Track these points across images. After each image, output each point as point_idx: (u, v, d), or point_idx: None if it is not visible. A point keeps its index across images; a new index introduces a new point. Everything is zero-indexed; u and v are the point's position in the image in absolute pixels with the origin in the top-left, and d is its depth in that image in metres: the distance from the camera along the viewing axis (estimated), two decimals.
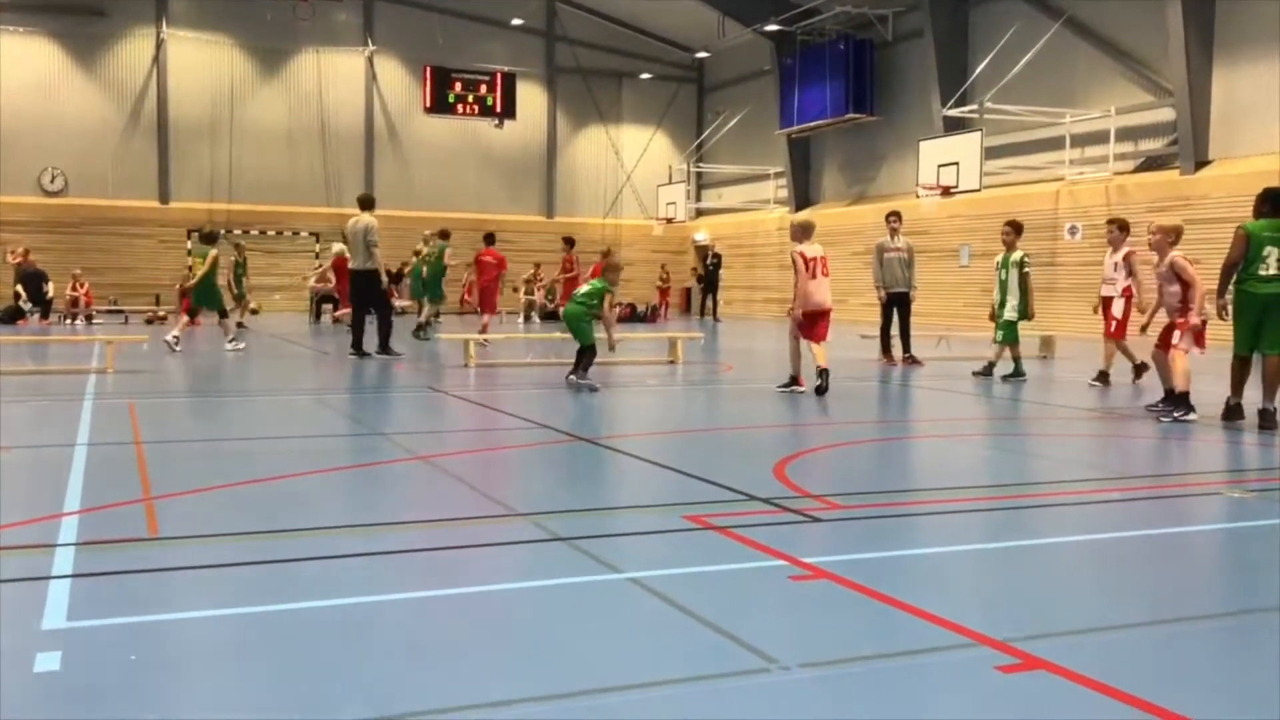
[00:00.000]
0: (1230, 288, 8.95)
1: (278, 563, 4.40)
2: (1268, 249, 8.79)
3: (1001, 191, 25.02)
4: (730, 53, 35.29)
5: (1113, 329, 12.43)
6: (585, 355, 11.50)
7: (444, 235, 20.97)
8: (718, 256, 33.20)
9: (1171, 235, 9.63)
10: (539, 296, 29.18)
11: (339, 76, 34.58)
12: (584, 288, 12.02)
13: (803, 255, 11.01)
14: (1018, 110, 23.81)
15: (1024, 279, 12.88)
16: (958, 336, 18.85)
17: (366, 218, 15.22)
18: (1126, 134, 23.08)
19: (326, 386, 12.23)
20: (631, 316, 29.34)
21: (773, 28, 31.29)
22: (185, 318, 17.23)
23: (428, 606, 3.87)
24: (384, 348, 15.20)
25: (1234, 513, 5.83)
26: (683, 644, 3.46)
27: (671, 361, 14.92)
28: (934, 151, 24.82)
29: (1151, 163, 22.83)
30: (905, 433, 9.39)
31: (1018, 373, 12.76)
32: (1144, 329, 10.88)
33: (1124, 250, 12.47)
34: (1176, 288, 9.48)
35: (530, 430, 8.46)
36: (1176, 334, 9.50)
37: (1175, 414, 9.14)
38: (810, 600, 3.97)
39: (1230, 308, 8.97)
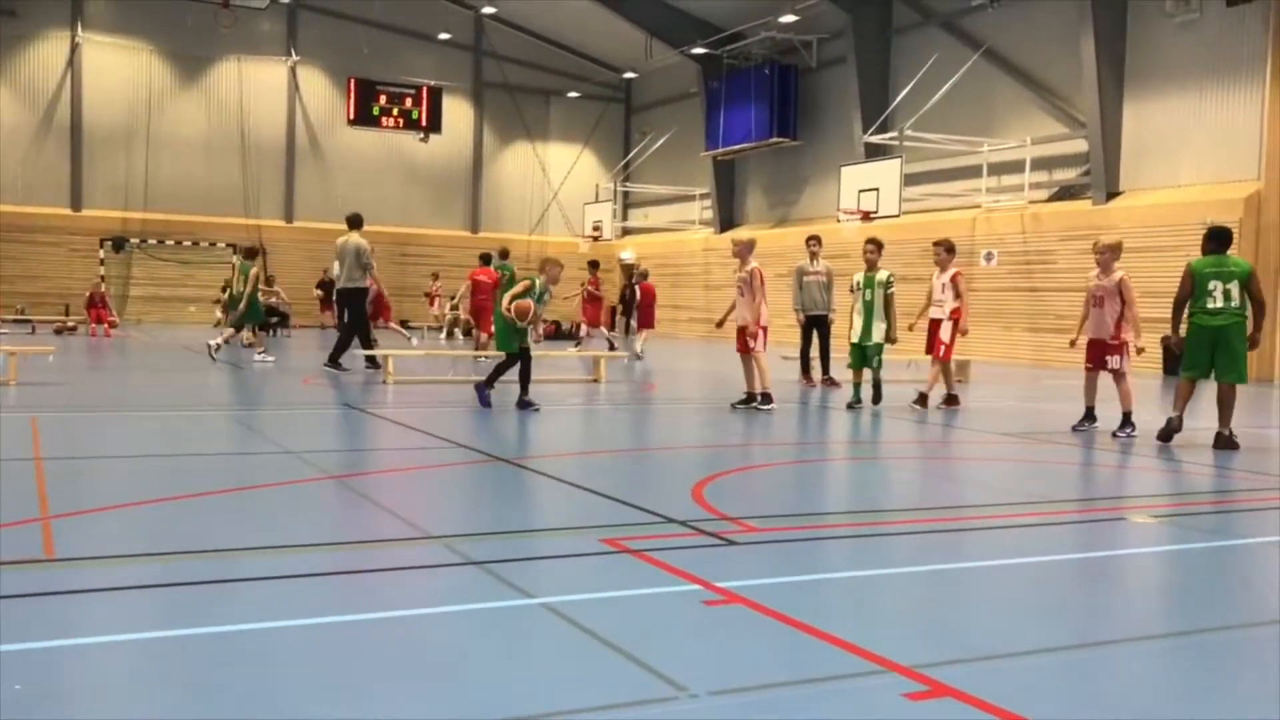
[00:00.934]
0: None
1: (180, 586, 4.27)
2: (1212, 284, 9.35)
3: (920, 217, 25.47)
4: (658, 74, 35.51)
5: (940, 352, 12.32)
6: (521, 365, 10.95)
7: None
8: (645, 274, 33.22)
9: (1118, 253, 10.11)
10: (462, 312, 28.96)
11: (261, 86, 34.06)
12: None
13: (761, 273, 11.67)
14: (937, 138, 24.29)
15: (889, 300, 12.29)
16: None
17: (357, 237, 15.64)
18: (1041, 164, 23.67)
19: (239, 402, 11.97)
20: (555, 334, 29.25)
21: (700, 51, 31.56)
22: (231, 330, 18.15)
23: (334, 633, 3.78)
24: (333, 361, 15.31)
25: (1142, 538, 5.95)
26: (592, 671, 3.42)
27: (594, 380, 14.89)
28: (855, 177, 25.20)
29: (1065, 192, 23.44)
30: (823, 455, 9.46)
31: (858, 399, 12.21)
32: (1072, 343, 11.03)
33: (951, 271, 12.41)
34: (1117, 306, 9.96)
35: (447, 450, 8.36)
36: (1111, 357, 10.18)
37: (1130, 432, 9.86)
38: (723, 626, 3.96)
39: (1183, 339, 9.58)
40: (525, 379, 11.09)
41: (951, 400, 12.42)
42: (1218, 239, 9.62)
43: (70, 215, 32.11)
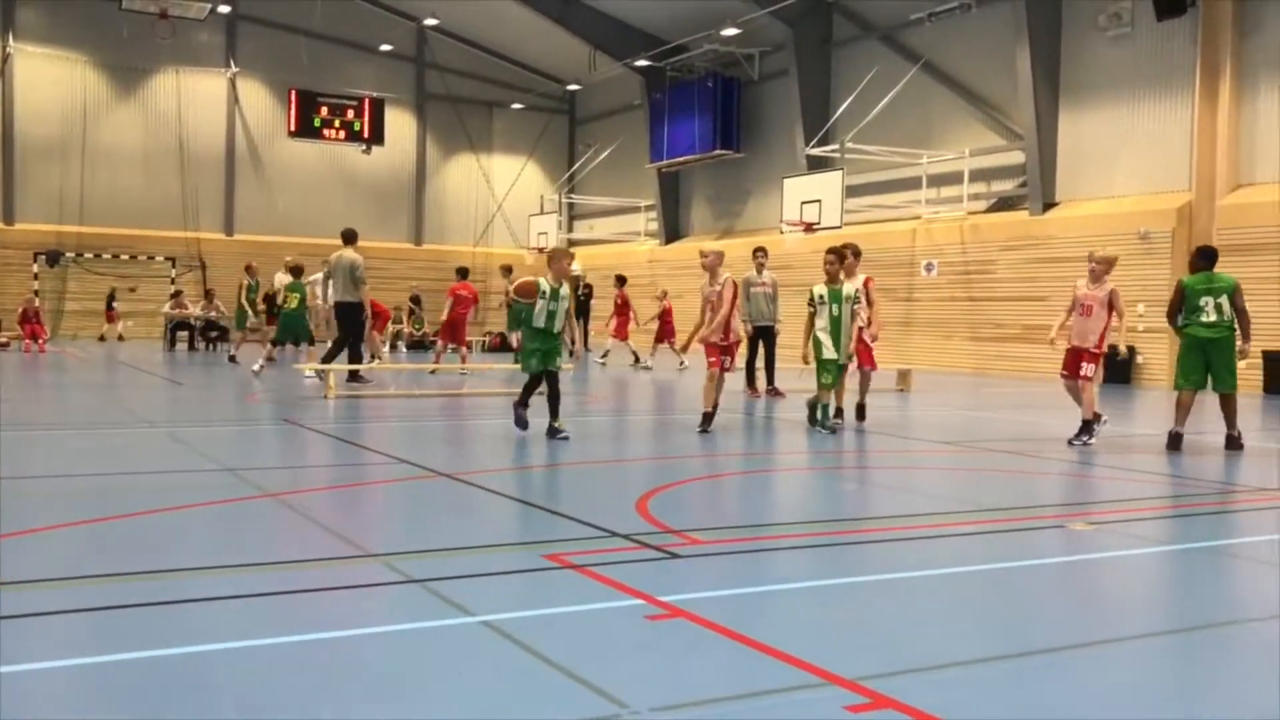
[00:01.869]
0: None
1: (117, 609, 4.17)
2: (1204, 299, 9.95)
3: (862, 229, 25.67)
4: (601, 86, 35.55)
5: (870, 360, 12.26)
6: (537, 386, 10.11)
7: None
8: (589, 287, 33.24)
9: (1112, 266, 10.53)
10: (407, 325, 28.76)
11: (199, 98, 33.56)
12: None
13: (736, 285, 11.46)
14: (877, 150, 24.55)
15: (854, 315, 11.23)
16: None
17: (350, 253, 15.79)
18: (980, 175, 24.02)
19: (178, 419, 11.77)
20: (501, 346, 29.09)
21: (643, 63, 31.65)
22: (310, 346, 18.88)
23: (273, 654, 3.71)
24: (353, 375, 15.44)
25: (1080, 545, 6.04)
26: (533, 690, 3.39)
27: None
28: (797, 189, 25.38)
29: (1003, 203, 23.80)
30: (768, 466, 9.49)
31: (832, 418, 11.21)
32: (1052, 342, 11.06)
33: (862, 277, 12.07)
34: (1104, 316, 10.27)
35: (389, 465, 8.27)
36: (1086, 364, 10.35)
37: (1086, 440, 10.08)
38: (665, 641, 3.95)
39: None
40: (554, 402, 9.99)
41: (839, 413, 11.55)
42: (1207, 257, 10.24)
43: (2, 229, 31.40)
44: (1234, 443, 10.02)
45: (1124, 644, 4.14)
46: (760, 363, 15.53)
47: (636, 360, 23.47)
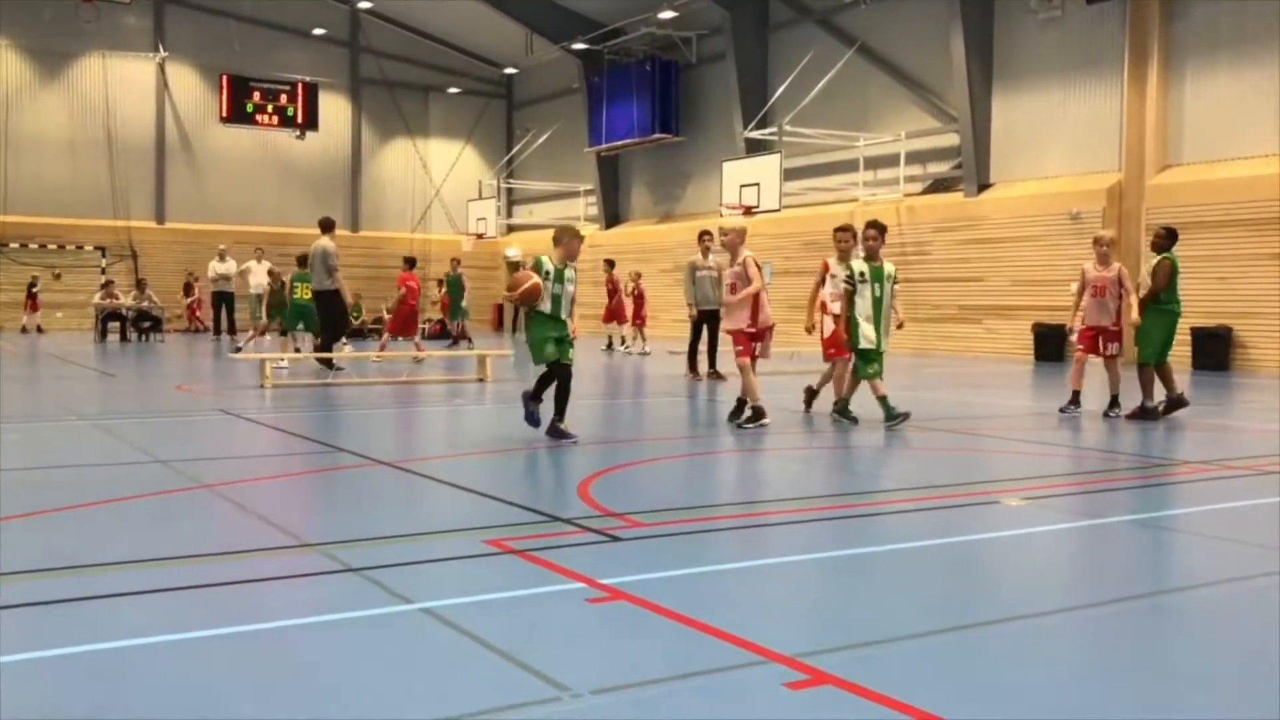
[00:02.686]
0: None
1: (44, 605, 4.08)
2: (1179, 279, 10.70)
3: (800, 211, 25.86)
4: (539, 70, 35.36)
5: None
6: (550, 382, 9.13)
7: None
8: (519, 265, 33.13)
9: (1115, 247, 11.21)
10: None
11: (127, 83, 32.84)
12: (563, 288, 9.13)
13: (755, 261, 9.94)
14: (815, 133, 24.69)
15: (894, 296, 10.40)
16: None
17: (325, 241, 15.89)
18: (915, 157, 24.26)
19: (109, 411, 11.53)
20: (441, 334, 28.89)
21: (580, 46, 31.52)
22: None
23: (208, 647, 3.65)
24: (327, 363, 15.49)
25: (1014, 520, 6.13)
26: (473, 676, 3.37)
27: (480, 380, 14.75)
28: (736, 172, 25.45)
29: (938, 185, 24.07)
30: (709, 448, 9.52)
31: (894, 415, 9.91)
32: (1070, 330, 11.55)
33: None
34: (1118, 295, 10.78)
35: (325, 454, 8.18)
36: (1109, 343, 10.98)
37: (1116, 413, 10.66)
38: (606, 623, 3.95)
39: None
40: (562, 399, 9.04)
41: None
42: (1174, 238, 10.92)
43: None
44: (1178, 404, 10.71)
45: (1056, 616, 4.21)
46: (703, 345, 15.57)
47: (615, 344, 23.62)
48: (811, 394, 11.30)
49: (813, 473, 8.13)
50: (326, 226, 16.40)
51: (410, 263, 20.44)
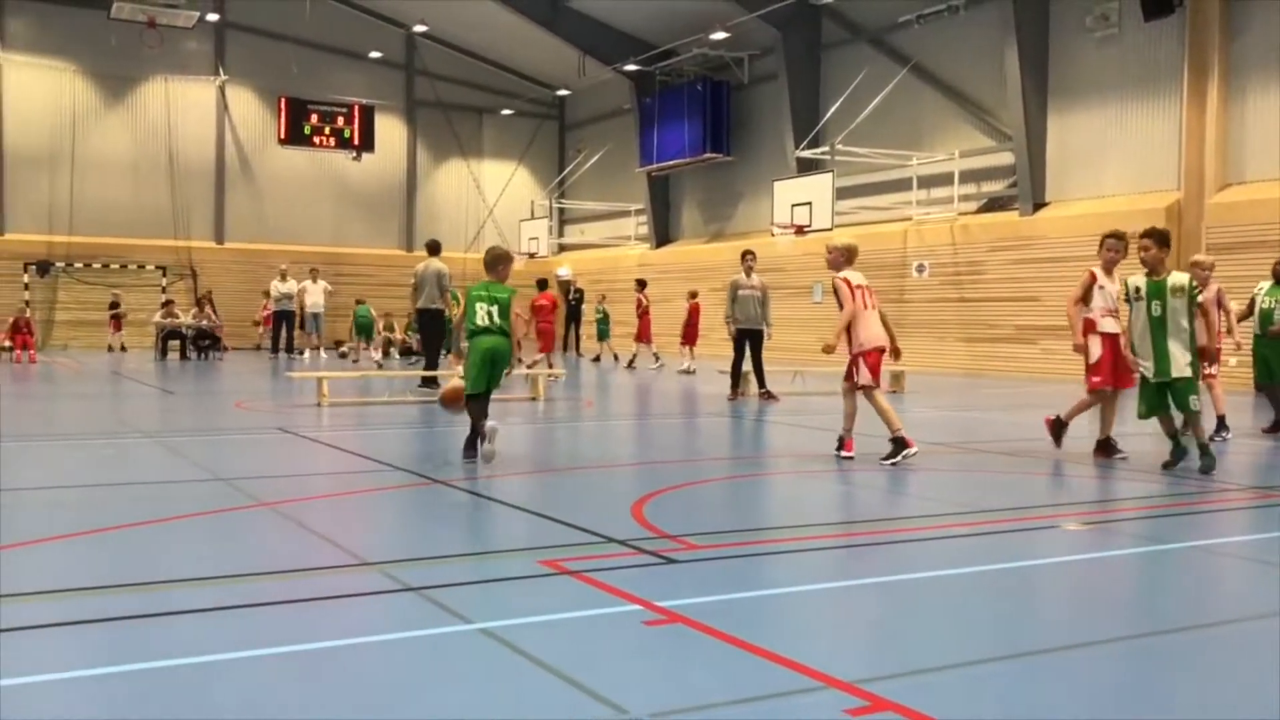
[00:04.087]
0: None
1: (109, 621, 4.16)
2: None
3: (852, 231, 25.70)
4: (591, 91, 35.58)
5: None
6: (485, 403, 8.86)
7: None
8: (580, 291, 33.28)
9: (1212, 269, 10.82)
10: (399, 332, 28.72)
11: (189, 106, 33.50)
12: (485, 309, 8.66)
13: (848, 282, 9.18)
14: (867, 152, 24.59)
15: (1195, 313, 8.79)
16: (812, 372, 19.26)
17: (437, 263, 16.67)
18: (969, 176, 24.08)
19: (170, 429, 11.74)
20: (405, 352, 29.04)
21: (632, 67, 31.68)
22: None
23: (269, 664, 3.70)
24: (430, 381, 15.79)
25: (1074, 545, 6.05)
26: (532, 697, 3.38)
27: (533, 399, 14.83)
28: (788, 191, 25.42)
29: (993, 204, 23.86)
30: (762, 470, 9.49)
31: (1181, 453, 8.78)
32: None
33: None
34: (1216, 316, 10.22)
35: (383, 473, 8.26)
36: (1210, 364, 10.09)
37: (1225, 435, 10.55)
38: (663, 646, 3.95)
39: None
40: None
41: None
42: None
43: None
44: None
45: (1121, 644, 4.15)
46: (748, 366, 15.55)
47: (636, 363, 23.83)
48: (1060, 426, 9.82)
49: (867, 496, 8.08)
50: (435, 249, 17.17)
51: (542, 284, 21.86)
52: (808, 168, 26.26)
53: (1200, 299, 8.84)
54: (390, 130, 35.83)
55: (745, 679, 3.57)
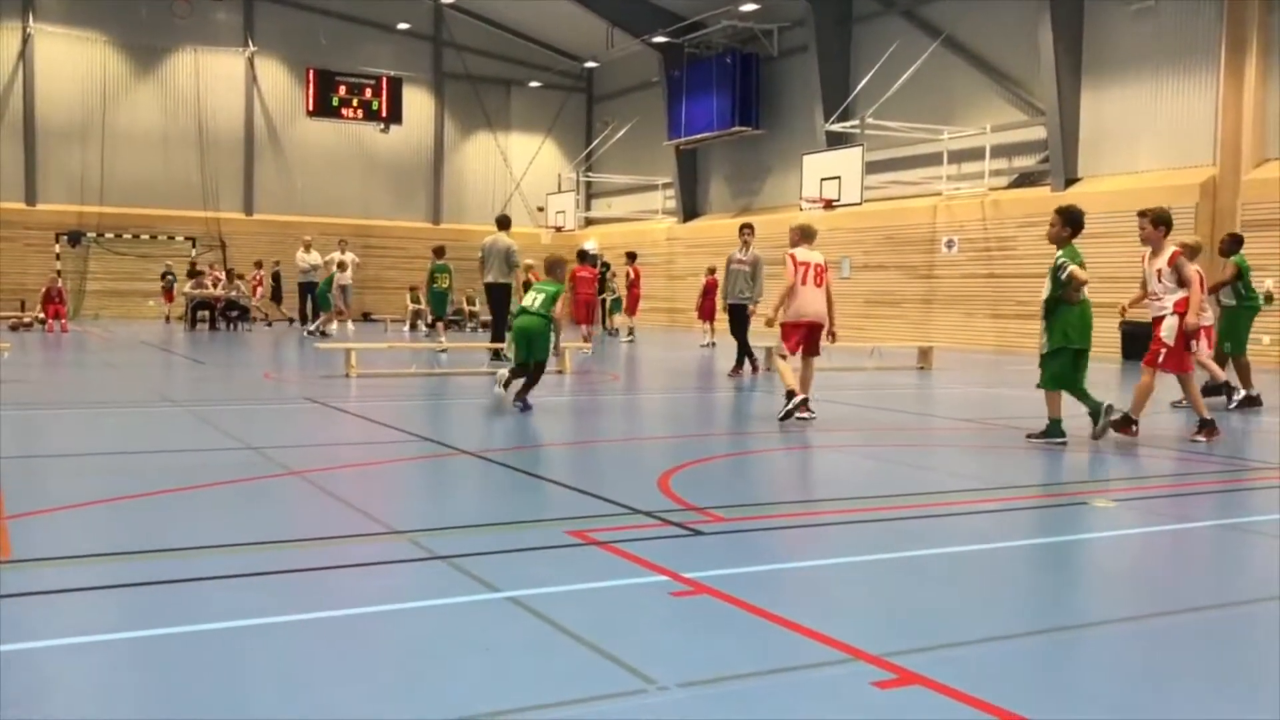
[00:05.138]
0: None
1: (141, 585, 4.21)
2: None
3: (882, 205, 25.59)
4: (619, 63, 35.42)
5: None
6: (538, 373, 10.55)
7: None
8: (607, 265, 33.27)
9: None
10: (425, 304, 28.79)
11: (218, 77, 33.62)
12: (535, 296, 10.48)
13: (793, 258, 9.92)
14: (898, 126, 24.39)
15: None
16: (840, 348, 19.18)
17: (505, 238, 16.69)
18: (1001, 151, 23.84)
19: (200, 398, 11.84)
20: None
21: (661, 40, 31.50)
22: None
23: (298, 631, 3.74)
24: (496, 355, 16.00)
25: (1102, 522, 6.01)
26: (561, 665, 3.40)
27: (559, 372, 14.85)
28: (817, 165, 25.26)
29: (1024, 179, 23.62)
30: (788, 443, 9.47)
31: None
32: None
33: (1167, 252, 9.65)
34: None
35: (410, 443, 8.30)
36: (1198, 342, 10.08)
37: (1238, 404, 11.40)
38: (690, 616, 3.96)
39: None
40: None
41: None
42: (1240, 242, 12.34)
43: (25, 209, 31.60)
44: (1254, 401, 11.33)
45: (1150, 620, 4.12)
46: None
47: (629, 334, 24.14)
48: (1130, 423, 9.07)
49: (893, 470, 8.05)
50: (505, 224, 17.16)
51: (583, 256, 22.14)
52: (837, 141, 26.08)
53: (1187, 275, 9.03)
54: (418, 102, 35.83)
55: (772, 650, 3.57)
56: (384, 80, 33.96)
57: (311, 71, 33.15)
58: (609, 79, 37.64)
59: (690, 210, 33.82)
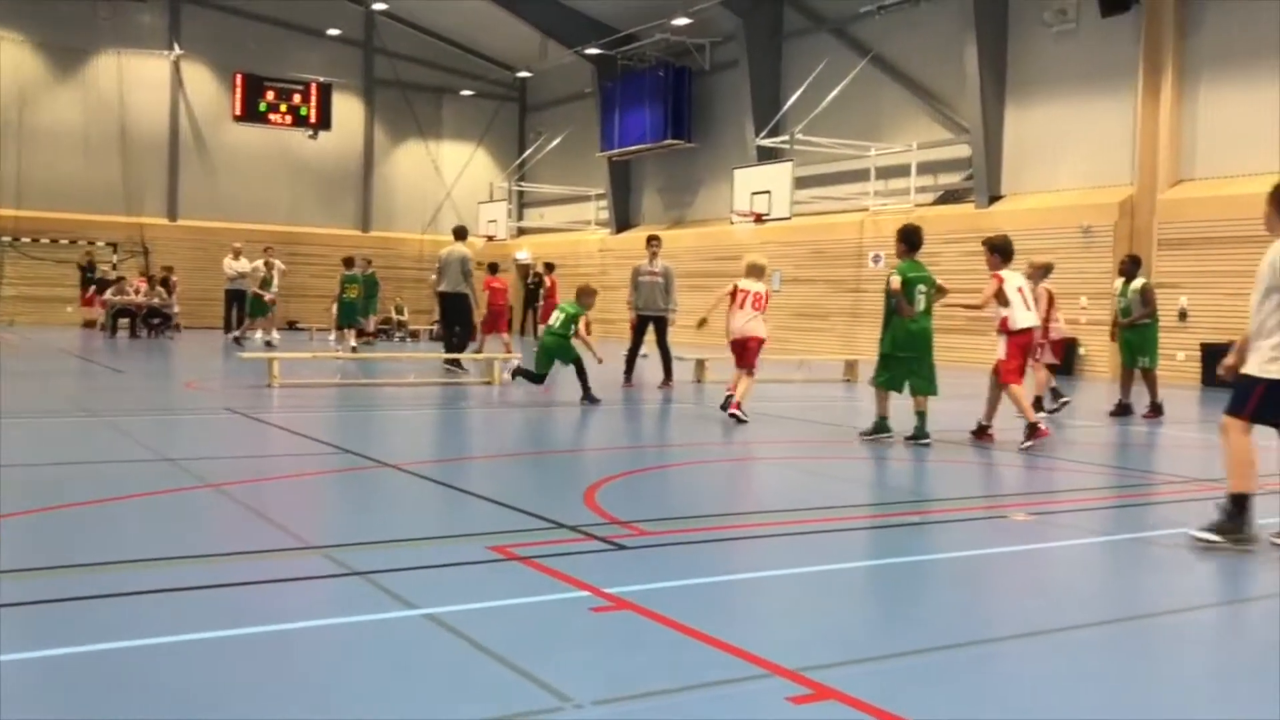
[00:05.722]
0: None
1: (46, 603, 4.08)
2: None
3: (811, 220, 25.86)
4: (552, 74, 35.39)
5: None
6: (582, 373, 12.51)
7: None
8: (539, 275, 33.16)
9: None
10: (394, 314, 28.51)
11: (142, 80, 32.92)
12: (556, 317, 12.88)
13: (735, 287, 11.30)
14: (826, 142, 24.67)
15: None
16: (769, 361, 19.31)
17: (461, 248, 16.91)
18: (927, 168, 24.23)
19: (117, 408, 11.56)
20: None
21: (594, 51, 31.53)
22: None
23: (210, 649, 3.65)
24: (454, 362, 16.21)
25: (1018, 536, 6.11)
26: (476, 684, 3.37)
27: (488, 383, 14.76)
28: (748, 179, 25.44)
29: (949, 196, 24.03)
30: (715, 457, 9.51)
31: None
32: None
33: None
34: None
35: (332, 455, 8.19)
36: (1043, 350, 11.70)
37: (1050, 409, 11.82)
38: (610, 633, 3.94)
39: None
40: (587, 376, 12.67)
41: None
42: (1138, 263, 13.18)
43: None
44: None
45: (1062, 634, 4.20)
46: (651, 351, 15.56)
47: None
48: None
49: (819, 484, 8.12)
50: (462, 235, 17.43)
51: (493, 268, 21.75)
52: (767, 156, 26.30)
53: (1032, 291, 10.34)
54: (348, 109, 35.44)
55: (689, 666, 3.57)
56: (313, 86, 33.54)
57: (239, 76, 32.63)
58: (542, 89, 37.58)
59: (623, 221, 33.87)
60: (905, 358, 9.68)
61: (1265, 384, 5.51)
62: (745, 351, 11.16)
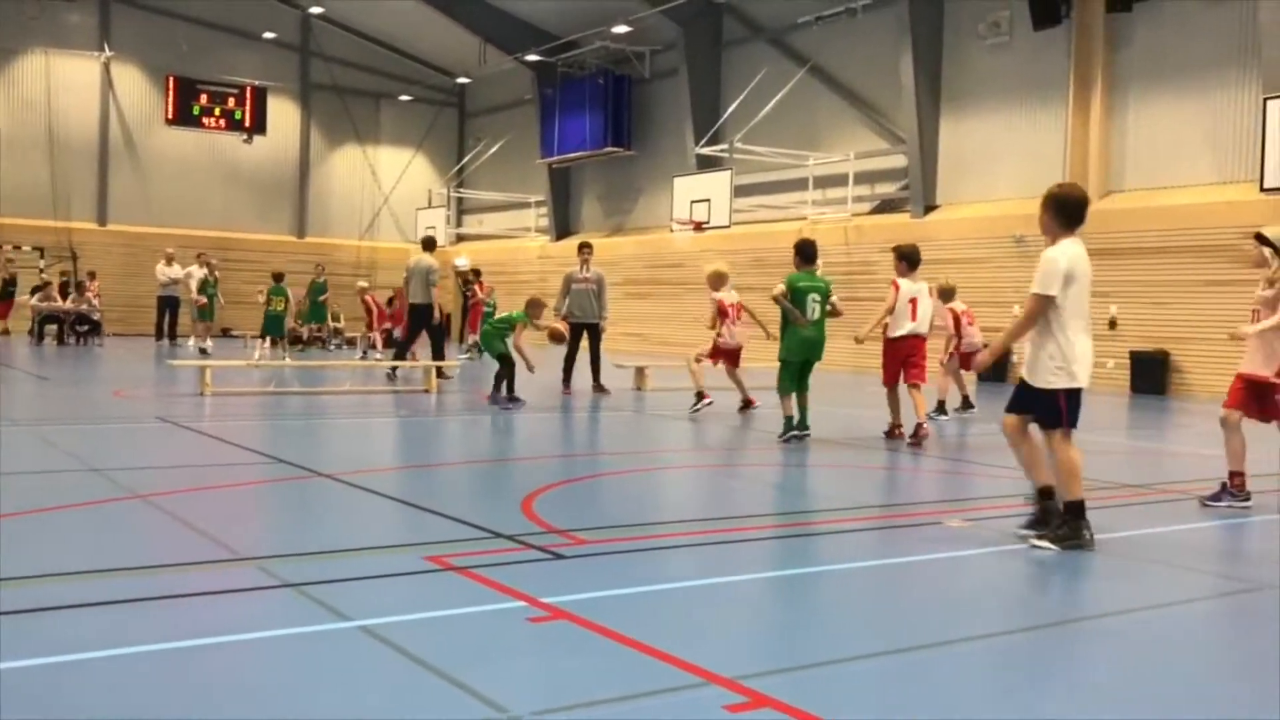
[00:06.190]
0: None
1: None
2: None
3: (750, 229, 26.00)
4: (492, 80, 35.24)
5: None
6: (502, 370, 12.85)
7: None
8: (468, 282, 32.90)
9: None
10: (291, 320, 28.06)
11: (70, 81, 32.20)
12: (501, 314, 13.93)
13: (721, 302, 12.90)
14: (765, 151, 24.83)
15: None
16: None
17: (429, 258, 16.92)
18: (864, 178, 24.49)
19: (43, 417, 11.28)
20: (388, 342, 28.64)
21: (534, 58, 31.47)
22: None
23: (139, 663, 3.56)
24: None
25: (956, 543, 6.18)
26: (411, 696, 3.32)
27: (426, 390, 14.64)
28: (687, 188, 25.53)
29: (886, 205, 24.31)
30: (653, 464, 9.51)
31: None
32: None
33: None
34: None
35: (264, 465, 8.05)
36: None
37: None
38: (547, 643, 3.91)
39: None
40: (509, 377, 13.03)
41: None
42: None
43: None
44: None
45: (998, 639, 4.24)
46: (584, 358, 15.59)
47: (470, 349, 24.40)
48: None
49: (752, 491, 8.15)
50: (430, 245, 17.59)
51: (476, 274, 22.32)
52: (707, 164, 26.41)
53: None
54: (283, 113, 35.00)
55: (628, 676, 3.56)
56: (248, 90, 33.10)
57: (171, 79, 32.09)
58: (482, 95, 37.41)
59: (563, 229, 33.81)
60: (799, 363, 10.48)
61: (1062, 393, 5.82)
62: (735, 356, 13.26)
